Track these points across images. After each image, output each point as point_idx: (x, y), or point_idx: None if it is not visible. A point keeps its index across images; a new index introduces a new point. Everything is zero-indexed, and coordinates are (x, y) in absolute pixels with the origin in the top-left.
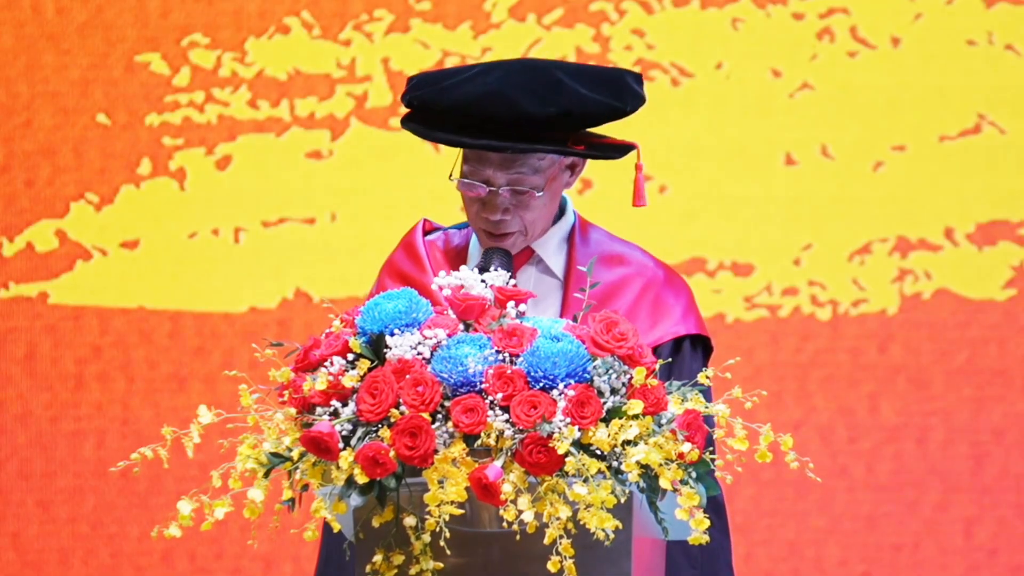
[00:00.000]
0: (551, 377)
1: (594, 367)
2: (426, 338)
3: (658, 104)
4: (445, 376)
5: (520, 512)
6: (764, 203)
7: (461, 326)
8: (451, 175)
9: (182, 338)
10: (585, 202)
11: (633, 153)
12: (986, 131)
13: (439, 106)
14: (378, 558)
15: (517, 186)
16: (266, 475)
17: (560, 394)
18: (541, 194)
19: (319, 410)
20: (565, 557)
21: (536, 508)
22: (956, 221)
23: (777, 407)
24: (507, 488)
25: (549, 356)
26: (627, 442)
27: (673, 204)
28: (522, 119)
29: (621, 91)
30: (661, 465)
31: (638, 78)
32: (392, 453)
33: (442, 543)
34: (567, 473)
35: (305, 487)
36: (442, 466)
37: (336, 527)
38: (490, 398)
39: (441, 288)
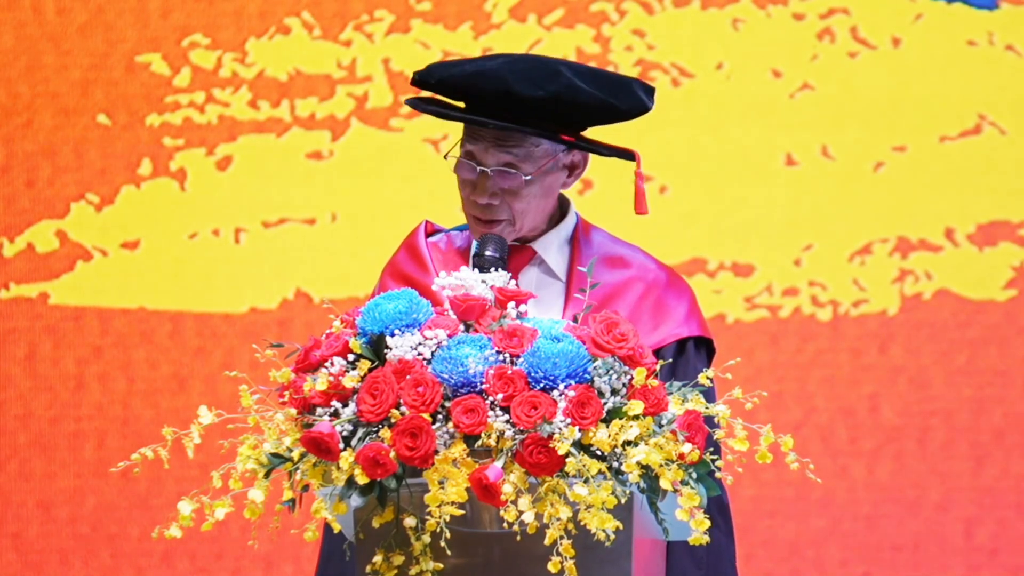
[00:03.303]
0: (552, 378)
1: (594, 368)
2: (427, 339)
3: (658, 105)
4: (446, 377)
5: (521, 513)
6: (764, 203)
7: (462, 327)
8: (447, 155)
9: (183, 338)
10: (586, 203)
11: (633, 162)
12: (986, 131)
13: (434, 78)
14: (378, 558)
15: (505, 168)
16: (266, 476)
17: (560, 395)
18: (529, 178)
19: (319, 411)
20: (566, 558)
21: (537, 509)
22: (956, 221)
23: (777, 408)
24: (507, 489)
25: (550, 357)
26: (627, 443)
27: (673, 205)
28: (507, 97)
29: (620, 91)
30: (662, 466)
31: (648, 89)
32: (392, 454)
33: (442, 544)
34: (568, 474)
35: (305, 488)
36: (443, 467)
37: (336, 528)
38: (491, 399)
39: (442, 288)
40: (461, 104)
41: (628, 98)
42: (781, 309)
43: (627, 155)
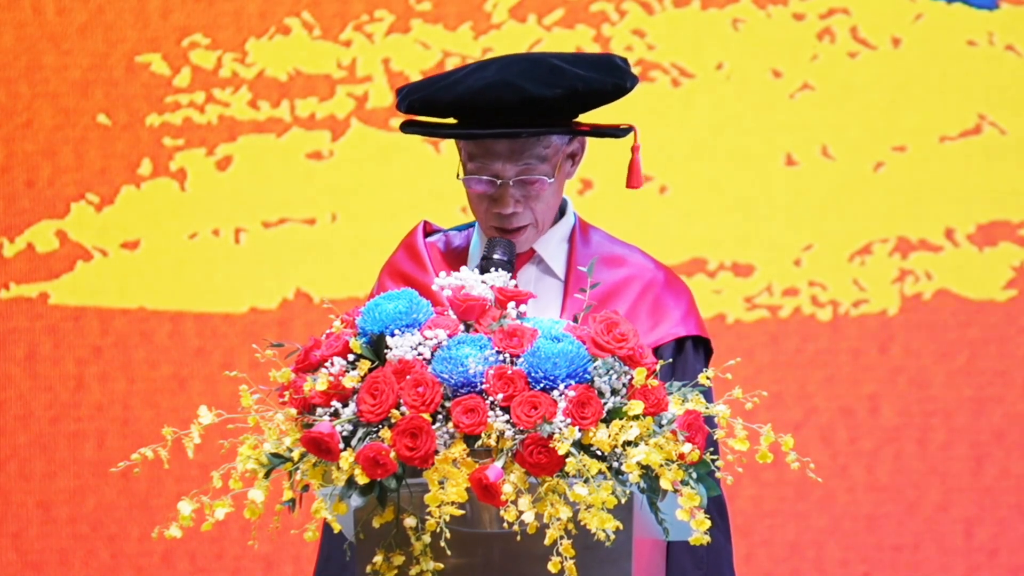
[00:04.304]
0: (552, 378)
1: (595, 368)
2: (427, 339)
3: (658, 104)
4: (446, 377)
5: (521, 513)
6: (764, 203)
7: (462, 327)
8: (458, 175)
9: (182, 338)
10: (585, 203)
11: (630, 140)
12: (986, 131)
13: (443, 102)
14: (378, 559)
15: (526, 176)
16: (267, 476)
17: (560, 395)
18: (552, 180)
19: (319, 411)
20: (566, 558)
21: (537, 509)
22: (956, 221)
23: (778, 408)
24: (508, 489)
25: (550, 357)
26: (628, 443)
27: (673, 204)
28: (530, 103)
29: (616, 70)
30: (662, 466)
31: (625, 61)
32: (393, 454)
33: (442, 544)
34: (568, 474)
35: (306, 488)
36: (443, 467)
37: (336, 528)
38: (491, 399)
39: (442, 288)
40: (452, 120)
41: (625, 75)
42: (781, 309)
43: (625, 131)
